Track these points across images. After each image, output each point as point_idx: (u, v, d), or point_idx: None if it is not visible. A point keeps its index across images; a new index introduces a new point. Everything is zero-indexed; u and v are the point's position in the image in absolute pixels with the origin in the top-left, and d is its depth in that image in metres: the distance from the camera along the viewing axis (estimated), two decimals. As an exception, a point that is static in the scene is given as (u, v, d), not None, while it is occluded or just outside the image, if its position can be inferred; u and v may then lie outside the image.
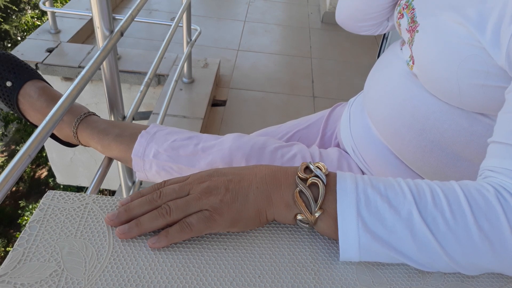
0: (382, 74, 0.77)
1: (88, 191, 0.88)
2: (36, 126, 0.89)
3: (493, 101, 0.57)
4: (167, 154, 0.78)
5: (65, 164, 2.93)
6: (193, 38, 1.98)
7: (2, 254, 8.68)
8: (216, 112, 2.22)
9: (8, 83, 0.88)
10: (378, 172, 0.78)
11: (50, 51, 2.38)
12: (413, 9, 0.68)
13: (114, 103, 1.00)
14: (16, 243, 0.41)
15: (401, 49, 0.74)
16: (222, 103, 2.29)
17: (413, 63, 0.67)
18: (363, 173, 0.80)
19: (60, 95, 0.91)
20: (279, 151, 0.79)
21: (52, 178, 9.46)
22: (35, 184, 10.32)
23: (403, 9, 0.72)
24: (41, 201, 0.47)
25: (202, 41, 2.81)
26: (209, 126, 2.11)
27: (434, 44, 0.60)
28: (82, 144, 0.89)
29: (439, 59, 0.59)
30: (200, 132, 1.89)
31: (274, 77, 2.59)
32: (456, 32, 0.57)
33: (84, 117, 0.87)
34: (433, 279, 0.44)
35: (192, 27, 1.96)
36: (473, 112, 0.62)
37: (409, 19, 0.69)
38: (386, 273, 0.44)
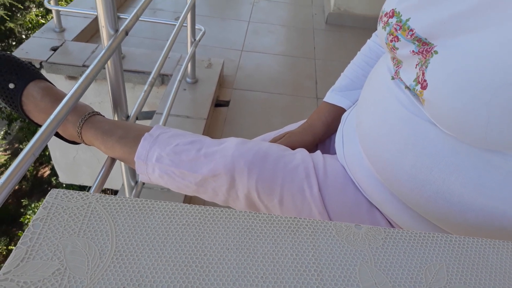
0: (375, 111, 0.69)
1: (91, 191, 0.89)
2: (41, 127, 0.89)
3: None
4: (169, 158, 0.78)
5: (68, 163, 2.93)
6: (197, 38, 1.98)
7: (5, 253, 8.70)
8: (220, 113, 2.22)
9: (11, 85, 0.88)
10: (376, 202, 0.73)
11: (54, 49, 2.38)
12: (412, 30, 0.61)
13: (118, 103, 1.00)
14: (20, 241, 0.42)
15: (395, 77, 0.67)
16: (226, 104, 2.29)
17: (422, 87, 0.58)
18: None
19: (64, 95, 0.91)
20: (281, 160, 0.78)
21: (55, 177, 9.49)
22: (38, 183, 10.34)
23: (396, 30, 0.64)
24: (45, 199, 0.47)
25: (206, 41, 2.81)
26: (212, 126, 2.11)
27: (464, 69, 0.52)
28: (86, 144, 0.89)
29: (470, 86, 0.51)
30: (203, 132, 1.89)
31: (278, 78, 2.59)
32: (491, 54, 0.50)
33: (89, 117, 0.87)
34: (435, 280, 0.43)
35: (196, 27, 1.97)
36: (485, 160, 0.56)
37: (414, 41, 0.61)
38: (389, 274, 0.44)
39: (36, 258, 0.40)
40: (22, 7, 10.82)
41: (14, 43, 10.77)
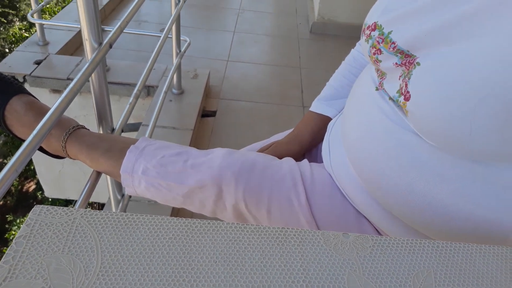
0: (359, 121, 0.69)
1: (77, 205, 0.87)
2: (24, 141, 0.88)
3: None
4: (155, 170, 0.77)
5: (54, 177, 2.90)
6: (182, 49, 1.98)
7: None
8: (206, 123, 2.22)
9: None
10: (363, 210, 0.73)
11: (38, 63, 2.36)
12: (394, 43, 0.60)
13: (103, 115, 0.99)
14: (2, 260, 0.41)
15: (379, 88, 0.67)
16: (212, 114, 2.29)
17: (405, 99, 0.57)
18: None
19: (48, 109, 0.89)
20: (268, 170, 0.78)
21: (41, 192, 9.34)
22: (23, 198, 10.19)
23: (379, 43, 0.63)
24: (28, 216, 0.46)
25: (191, 52, 2.82)
26: (199, 137, 2.11)
27: (447, 79, 0.52)
28: (71, 158, 0.88)
29: (453, 96, 0.51)
30: (190, 143, 1.89)
31: (264, 88, 2.60)
32: (474, 66, 0.50)
33: (73, 130, 0.86)
34: (423, 287, 0.44)
35: (181, 38, 1.97)
36: (470, 170, 0.55)
37: (397, 53, 0.61)
38: (377, 282, 0.44)
39: (19, 277, 0.39)
40: (5, 21, 10.74)
41: (-3, 57, 10.67)
